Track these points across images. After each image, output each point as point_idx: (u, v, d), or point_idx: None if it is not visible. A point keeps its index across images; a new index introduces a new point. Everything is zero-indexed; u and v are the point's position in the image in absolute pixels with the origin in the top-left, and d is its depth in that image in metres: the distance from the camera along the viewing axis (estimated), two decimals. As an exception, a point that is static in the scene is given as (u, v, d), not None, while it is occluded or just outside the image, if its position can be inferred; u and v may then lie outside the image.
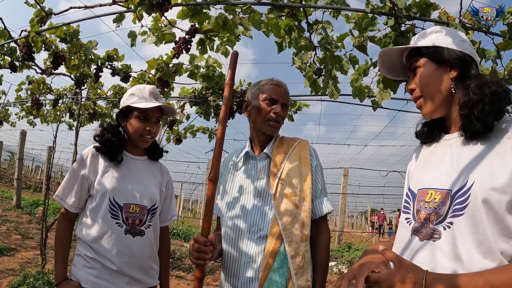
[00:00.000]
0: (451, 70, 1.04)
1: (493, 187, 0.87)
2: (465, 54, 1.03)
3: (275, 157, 1.47)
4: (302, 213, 1.37)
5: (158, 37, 2.68)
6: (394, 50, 1.15)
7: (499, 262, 0.84)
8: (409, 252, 1.00)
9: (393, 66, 1.19)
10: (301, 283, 1.31)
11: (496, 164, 0.90)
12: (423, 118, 1.15)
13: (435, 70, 1.05)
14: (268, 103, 1.48)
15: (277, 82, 1.53)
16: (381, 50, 1.16)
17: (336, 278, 1.04)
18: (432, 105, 1.07)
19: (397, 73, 1.22)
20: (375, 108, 3.44)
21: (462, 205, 0.91)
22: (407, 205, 1.09)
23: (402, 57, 1.16)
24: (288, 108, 1.56)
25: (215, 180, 1.15)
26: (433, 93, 1.06)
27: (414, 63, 1.10)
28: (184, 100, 4.39)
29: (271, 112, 1.47)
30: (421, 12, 2.37)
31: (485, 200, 0.87)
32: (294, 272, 1.30)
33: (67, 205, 1.67)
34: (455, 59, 1.03)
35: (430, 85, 1.06)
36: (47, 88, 5.06)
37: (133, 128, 1.69)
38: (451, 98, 1.05)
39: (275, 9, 2.29)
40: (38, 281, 3.85)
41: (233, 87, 1.19)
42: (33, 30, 2.81)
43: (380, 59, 1.18)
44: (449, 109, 1.06)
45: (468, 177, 0.92)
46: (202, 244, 1.15)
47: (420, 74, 1.07)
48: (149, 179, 1.76)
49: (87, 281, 1.58)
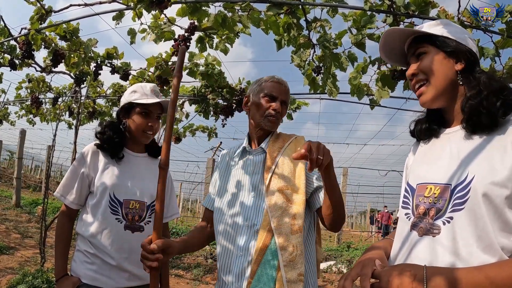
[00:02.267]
0: (458, 62, 1.03)
1: (494, 181, 0.86)
2: (472, 49, 1.03)
3: (270, 151, 1.49)
4: (294, 206, 1.37)
5: (158, 35, 2.69)
6: (399, 32, 1.12)
7: (499, 258, 0.84)
8: (408, 247, 1.00)
9: (394, 50, 1.17)
10: (291, 276, 1.30)
11: (497, 158, 0.89)
12: (417, 114, 1.14)
13: (443, 59, 1.04)
14: (268, 99, 1.50)
15: (278, 80, 1.55)
16: (387, 29, 1.13)
17: (338, 278, 1.04)
18: (435, 93, 1.05)
19: (394, 59, 1.20)
20: (372, 107, 3.46)
21: (462, 200, 0.90)
22: (406, 200, 1.08)
23: (404, 44, 1.14)
24: (287, 106, 1.58)
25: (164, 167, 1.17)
26: (438, 81, 1.04)
27: (420, 49, 1.08)
28: (183, 99, 4.39)
29: (270, 109, 1.49)
30: (419, 10, 2.38)
31: (485, 195, 0.86)
32: (283, 265, 1.30)
33: (68, 202, 1.68)
34: (464, 52, 1.02)
35: (435, 72, 1.04)
36: (46, 87, 5.07)
37: (135, 124, 1.71)
38: (455, 90, 1.04)
39: (274, 6, 2.31)
40: (37, 279, 3.85)
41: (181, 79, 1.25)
42: (33, 28, 2.82)
43: (383, 39, 1.15)
44: (451, 101, 1.05)
45: (468, 172, 0.91)
46: (147, 252, 1.18)
47: (426, 60, 1.06)
48: (149, 176, 1.77)
49: (87, 276, 1.59)
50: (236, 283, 1.36)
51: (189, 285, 5.26)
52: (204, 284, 5.30)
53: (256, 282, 1.31)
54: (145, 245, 1.19)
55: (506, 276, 0.78)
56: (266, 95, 1.50)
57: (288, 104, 1.58)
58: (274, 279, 1.30)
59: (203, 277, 5.64)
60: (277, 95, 1.50)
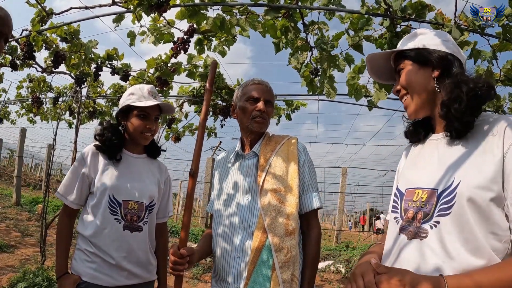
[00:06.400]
0: (434, 70, 1.06)
1: (478, 185, 0.88)
2: (447, 53, 1.05)
3: (263, 154, 1.53)
4: (287, 207, 1.41)
5: (157, 37, 2.72)
6: (379, 55, 1.18)
7: (488, 259, 0.85)
8: (397, 250, 1.02)
9: (382, 70, 1.22)
10: (285, 276, 1.34)
11: (481, 162, 0.91)
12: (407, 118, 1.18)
13: (417, 70, 1.07)
14: (252, 102, 1.54)
15: (258, 81, 1.59)
16: (367, 56, 1.19)
17: (336, 277, 1.07)
18: (416, 105, 1.09)
19: (386, 77, 1.24)
20: (370, 108, 3.48)
21: (448, 205, 0.92)
22: (395, 205, 1.11)
23: (390, 61, 1.18)
24: (273, 105, 1.62)
25: (194, 175, 1.26)
26: (416, 93, 1.07)
27: (398, 66, 1.13)
28: (183, 99, 4.43)
29: (255, 110, 1.53)
30: (416, 14, 2.40)
31: (470, 199, 0.88)
32: (278, 266, 1.34)
33: (68, 202, 1.72)
34: (437, 59, 1.05)
35: (413, 85, 1.08)
36: (47, 86, 5.10)
37: (134, 126, 1.74)
38: (435, 97, 1.07)
39: (272, 10, 2.34)
40: (38, 278, 3.87)
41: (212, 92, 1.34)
42: (34, 30, 2.85)
43: (368, 64, 1.21)
44: (433, 109, 1.08)
45: (454, 177, 0.93)
46: (178, 258, 1.28)
47: (404, 75, 1.10)
48: (147, 177, 1.81)
49: (87, 274, 1.63)
50: (234, 284, 1.39)
51: (188, 284, 5.29)
52: (203, 283, 5.33)
53: (252, 283, 1.35)
54: (176, 251, 1.28)
55: (494, 280, 0.80)
56: (249, 98, 1.54)
57: (273, 103, 1.62)
58: (269, 279, 1.34)
59: (202, 275, 5.68)
60: (259, 96, 1.54)
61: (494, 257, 0.85)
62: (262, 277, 1.34)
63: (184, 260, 1.28)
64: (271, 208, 1.40)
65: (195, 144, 1.28)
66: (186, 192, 1.29)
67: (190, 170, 1.25)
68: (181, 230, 1.27)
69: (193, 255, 1.34)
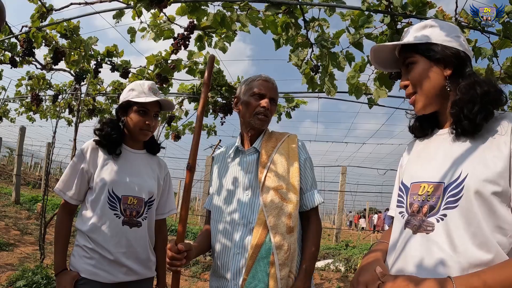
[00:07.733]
0: (446, 68, 1.03)
1: (486, 178, 0.88)
2: (459, 51, 1.03)
3: (264, 151, 1.51)
4: (289, 205, 1.40)
5: (157, 33, 2.71)
6: (387, 46, 1.14)
7: (495, 254, 0.85)
8: (402, 244, 1.02)
9: (385, 60, 1.20)
10: (284, 273, 1.34)
11: (488, 157, 0.91)
12: (413, 112, 1.16)
13: (430, 67, 1.04)
14: (257, 98, 1.53)
15: (265, 78, 1.58)
16: (373, 46, 1.16)
17: (336, 276, 1.07)
18: (425, 102, 1.07)
19: (388, 66, 1.22)
20: (370, 106, 3.48)
21: (455, 198, 0.92)
22: (400, 199, 1.10)
23: (395, 51, 1.16)
24: (276, 103, 1.61)
25: (191, 169, 1.25)
26: (427, 91, 1.05)
27: (408, 59, 1.09)
28: (183, 96, 4.42)
29: (259, 106, 1.51)
30: (417, 11, 2.39)
31: (478, 192, 0.88)
32: (278, 263, 1.34)
33: (67, 197, 1.71)
34: (450, 57, 1.02)
35: (423, 82, 1.05)
36: (46, 84, 5.09)
37: (133, 122, 1.73)
38: (445, 94, 1.05)
39: (272, 6, 2.33)
40: (37, 276, 3.87)
41: (209, 86, 1.33)
42: (34, 26, 2.84)
43: (372, 54, 1.18)
44: (443, 105, 1.07)
45: (462, 170, 0.93)
46: (175, 253, 1.26)
47: (414, 71, 1.07)
48: (147, 172, 1.80)
49: (85, 271, 1.62)
50: (233, 281, 1.39)
51: (187, 282, 5.28)
52: (202, 281, 5.32)
53: (251, 279, 1.34)
54: (173, 246, 1.26)
55: (502, 280, 0.80)
56: (254, 93, 1.53)
57: (277, 101, 1.61)
58: (267, 275, 1.34)
59: (202, 274, 5.67)
60: (265, 93, 1.53)
61: (500, 252, 0.85)
62: (260, 273, 1.34)
63: (182, 256, 1.27)
64: (273, 205, 1.39)
65: (193, 137, 1.27)
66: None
67: (188, 164, 1.24)
68: (178, 224, 1.25)
69: (190, 250, 1.33)
